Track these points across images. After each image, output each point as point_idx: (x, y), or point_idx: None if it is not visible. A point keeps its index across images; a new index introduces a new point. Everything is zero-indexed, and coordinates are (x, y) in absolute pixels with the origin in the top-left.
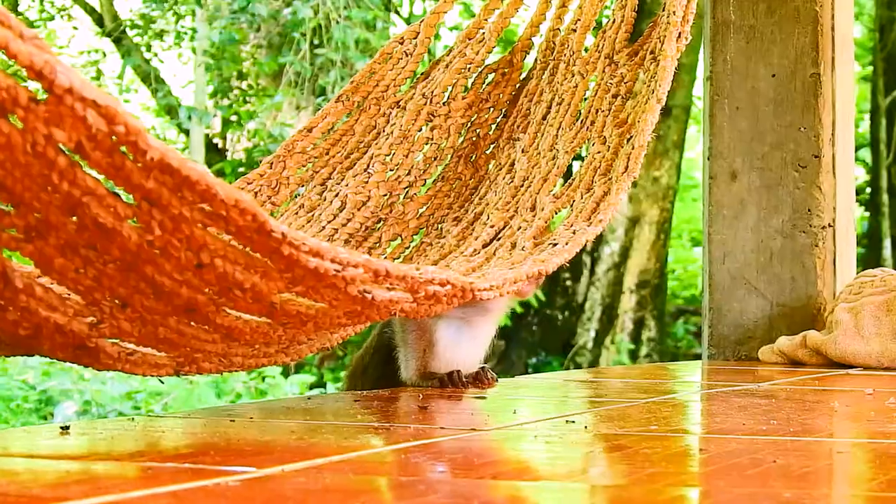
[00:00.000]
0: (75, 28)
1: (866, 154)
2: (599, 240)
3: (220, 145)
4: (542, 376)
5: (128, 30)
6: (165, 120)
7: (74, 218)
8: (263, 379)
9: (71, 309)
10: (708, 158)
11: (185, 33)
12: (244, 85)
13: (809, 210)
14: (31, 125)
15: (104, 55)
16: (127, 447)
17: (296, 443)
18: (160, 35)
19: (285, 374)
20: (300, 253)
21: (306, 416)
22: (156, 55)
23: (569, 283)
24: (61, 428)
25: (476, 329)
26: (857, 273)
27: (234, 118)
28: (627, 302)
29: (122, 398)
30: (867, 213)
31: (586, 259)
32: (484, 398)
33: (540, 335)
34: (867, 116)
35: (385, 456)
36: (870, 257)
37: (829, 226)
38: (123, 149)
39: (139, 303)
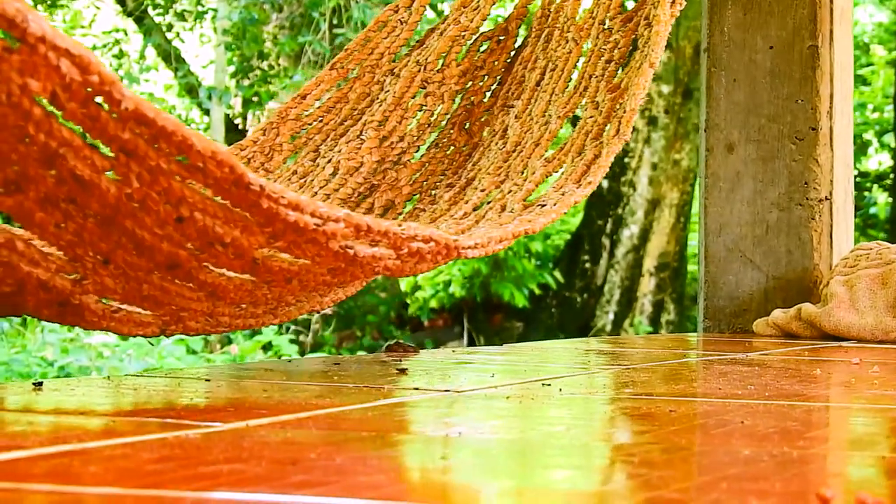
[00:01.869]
0: (98, 8)
1: (891, 139)
2: (619, 222)
3: (240, 125)
4: (540, 344)
5: (149, 9)
6: (187, 100)
7: (53, 171)
8: (280, 357)
9: (53, 265)
10: (704, 130)
11: (206, 13)
12: (265, 65)
13: (806, 183)
14: (5, 75)
15: (126, 34)
16: (96, 403)
17: (266, 401)
18: (181, 15)
19: (302, 353)
20: (279, 206)
21: (283, 376)
22: (177, 35)
23: (588, 265)
24: (34, 384)
25: None
26: (854, 247)
27: (254, 98)
28: (647, 285)
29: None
30: (890, 199)
31: (605, 241)
32: (469, 363)
33: (558, 317)
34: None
35: (351, 413)
36: (893, 242)
37: (826, 199)
38: (98, 99)
39: (121, 258)
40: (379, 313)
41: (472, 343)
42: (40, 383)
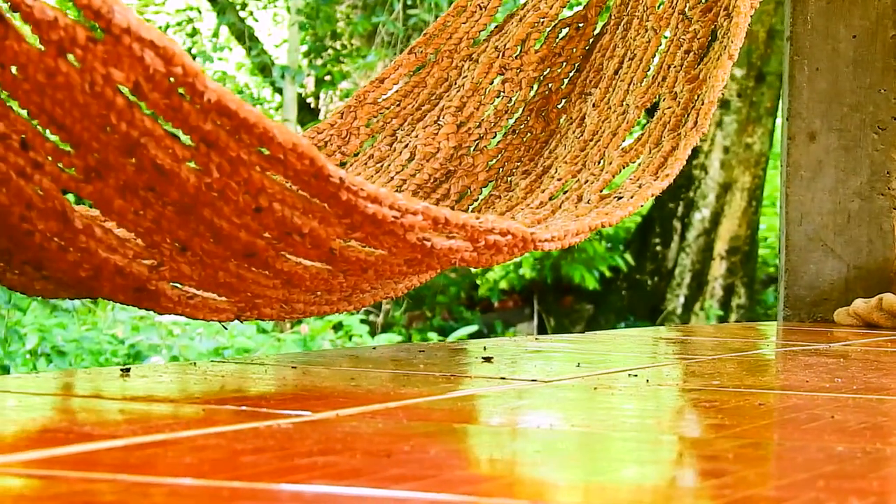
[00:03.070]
0: None
1: None
2: (690, 206)
3: (312, 105)
4: (621, 332)
5: None
6: (259, 79)
7: (133, 159)
8: (350, 338)
9: (131, 251)
10: (787, 119)
11: None
12: (338, 45)
13: (888, 172)
14: (90, 65)
15: (199, 13)
16: (185, 390)
17: (353, 389)
18: None
19: (372, 333)
20: (358, 198)
21: (368, 364)
22: (251, 14)
23: (659, 248)
24: (121, 370)
25: None
26: None
27: (327, 78)
28: (717, 268)
29: (209, 354)
30: None
31: (677, 225)
32: (553, 352)
33: (629, 300)
34: None
35: (440, 403)
36: None
37: None
38: (181, 90)
39: (198, 246)
40: (449, 294)
41: (542, 325)
42: (128, 369)
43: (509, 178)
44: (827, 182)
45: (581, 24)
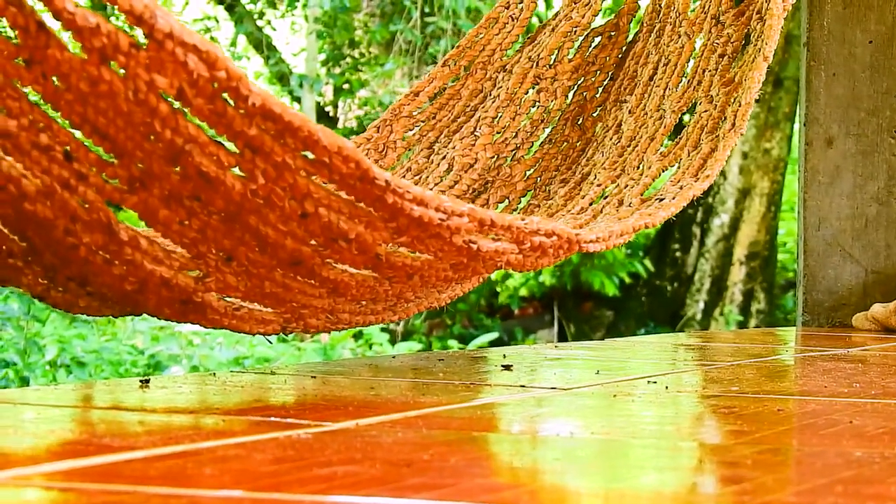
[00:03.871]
0: None
1: None
2: (709, 211)
3: (331, 113)
4: (640, 339)
5: None
6: (278, 88)
7: (178, 168)
8: (371, 346)
9: (176, 262)
10: (804, 124)
11: (298, 1)
12: (356, 53)
13: None
14: (133, 72)
15: (217, 22)
16: (204, 401)
17: (373, 399)
18: (273, 3)
19: (392, 341)
20: (404, 201)
21: (388, 373)
22: (268, 23)
23: (678, 254)
24: (141, 381)
25: None
26: None
27: (345, 86)
28: (737, 274)
29: (229, 363)
30: None
31: (696, 230)
32: (572, 359)
33: (649, 306)
34: None
35: (460, 412)
36: None
37: None
38: (225, 95)
39: (244, 255)
40: (469, 301)
41: (562, 331)
42: (147, 380)
43: (548, 187)
44: (844, 187)
45: (613, 33)
